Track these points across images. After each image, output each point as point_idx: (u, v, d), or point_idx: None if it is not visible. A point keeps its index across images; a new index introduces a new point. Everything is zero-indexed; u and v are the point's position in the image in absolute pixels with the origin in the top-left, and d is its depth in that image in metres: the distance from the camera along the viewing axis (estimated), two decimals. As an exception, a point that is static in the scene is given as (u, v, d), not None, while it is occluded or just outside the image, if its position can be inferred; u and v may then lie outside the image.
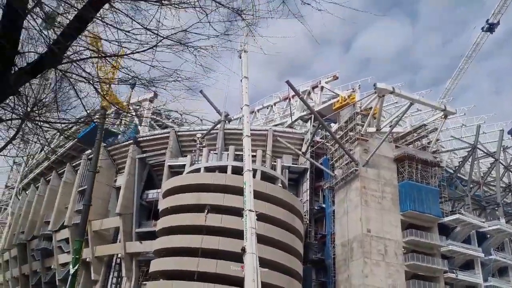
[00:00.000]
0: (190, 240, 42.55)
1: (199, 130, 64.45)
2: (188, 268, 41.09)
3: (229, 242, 41.68)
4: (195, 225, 42.88)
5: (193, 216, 43.53)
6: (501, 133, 64.72)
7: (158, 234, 47.64)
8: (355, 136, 53.77)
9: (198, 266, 39.75)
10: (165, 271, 43.90)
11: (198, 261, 39.77)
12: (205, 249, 41.20)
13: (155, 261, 45.88)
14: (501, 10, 76.81)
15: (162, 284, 43.56)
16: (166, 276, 44.32)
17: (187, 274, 40.88)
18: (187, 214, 44.13)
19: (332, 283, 51.65)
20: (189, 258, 41.44)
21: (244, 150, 37.63)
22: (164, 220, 46.71)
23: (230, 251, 41.20)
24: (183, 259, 41.75)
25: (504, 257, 55.13)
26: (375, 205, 50.51)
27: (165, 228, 46.16)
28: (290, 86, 49.02)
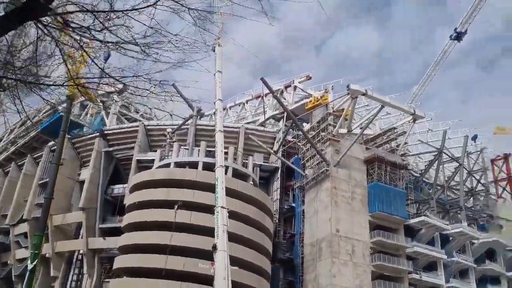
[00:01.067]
0: (158, 237, 41.37)
1: (169, 124, 63.13)
2: (154, 265, 39.92)
3: (198, 239, 40.84)
4: (163, 221, 41.74)
5: (162, 212, 42.40)
6: (466, 139, 66.62)
7: (123, 230, 46.15)
8: (327, 136, 53.94)
9: (166, 264, 38.62)
10: (129, 268, 42.48)
11: (167, 258, 38.64)
12: (173, 246, 40.19)
13: (119, 258, 44.36)
14: (469, 19, 79.02)
15: (125, 281, 42.11)
16: (130, 273, 42.90)
17: (153, 272, 39.68)
18: (155, 209, 42.92)
19: (300, 283, 51.61)
20: (156, 255, 40.25)
21: (216, 146, 36.84)
22: (130, 216, 45.28)
23: (199, 249, 40.37)
24: (149, 256, 40.49)
25: (465, 259, 56.65)
26: (345, 206, 50.79)
27: (131, 223, 44.73)
28: (265, 84, 48.59)
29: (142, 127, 63.03)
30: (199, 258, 40.27)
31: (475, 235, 57.55)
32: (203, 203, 42.52)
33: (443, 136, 64.32)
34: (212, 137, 54.20)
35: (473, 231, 58.03)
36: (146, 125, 63.71)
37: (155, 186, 44.55)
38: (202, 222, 41.57)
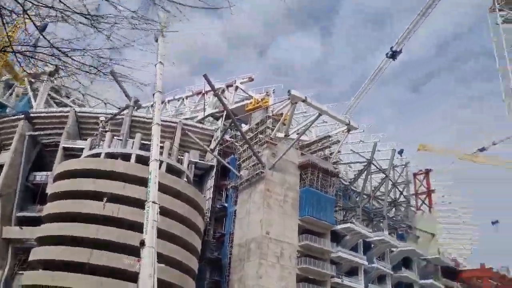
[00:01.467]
0: (82, 229, 39.17)
1: (102, 113, 60.40)
2: (76, 259, 37.81)
3: (125, 233, 39.39)
4: (89, 213, 39.67)
5: (89, 203, 40.27)
6: (393, 152, 70.29)
7: (44, 220, 43.26)
8: (264, 139, 54.32)
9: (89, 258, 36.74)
10: (48, 260, 39.80)
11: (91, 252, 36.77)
12: (98, 240, 38.31)
13: (36, 250, 41.50)
14: (404, 40, 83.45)
15: (41, 275, 39.37)
16: (48, 266, 40.22)
17: (75, 265, 37.61)
18: (81, 200, 40.63)
19: (226, 283, 51.42)
20: (79, 248, 38.13)
21: (152, 139, 35.68)
22: (53, 205, 42.56)
23: (125, 243, 38.94)
24: (72, 249, 38.22)
25: (384, 266, 59.65)
26: (277, 209, 51.41)
27: (53, 214, 42.04)
28: (207, 81, 47.95)
29: (73, 113, 59.75)
30: (125, 253, 38.82)
31: (394, 244, 60.78)
32: (133, 196, 41.11)
33: (373, 148, 67.35)
34: (148, 130, 52.64)
35: (393, 240, 61.29)
36: (77, 111, 60.48)
37: (83, 176, 42.23)
38: (130, 216, 40.13)
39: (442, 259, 68.28)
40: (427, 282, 63.13)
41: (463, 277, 73.89)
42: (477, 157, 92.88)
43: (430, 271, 66.93)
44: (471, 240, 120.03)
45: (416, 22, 78.65)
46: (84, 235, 38.93)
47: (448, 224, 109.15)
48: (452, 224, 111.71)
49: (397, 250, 61.70)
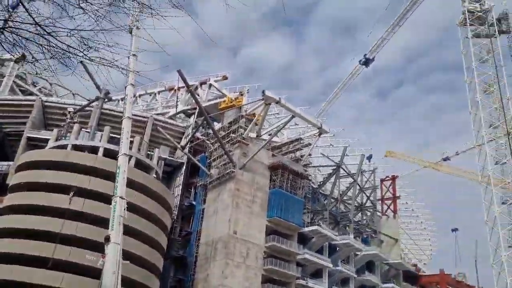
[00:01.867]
0: (45, 223, 37.77)
1: (71, 104, 58.62)
2: (36, 253, 36.43)
3: (89, 228, 38.27)
4: (52, 206, 38.30)
5: (52, 196, 38.89)
6: (362, 157, 71.46)
7: (3, 211, 41.43)
8: (236, 138, 54.08)
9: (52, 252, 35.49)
10: (6, 254, 38.10)
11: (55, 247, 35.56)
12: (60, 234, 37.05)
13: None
14: (377, 48, 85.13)
15: None
16: (5, 260, 38.54)
17: (34, 260, 36.21)
18: (45, 193, 39.18)
19: (190, 282, 50.84)
20: (40, 242, 36.76)
21: (122, 132, 34.88)
22: (14, 197, 40.85)
23: (88, 239, 37.86)
24: (32, 243, 36.75)
25: (348, 269, 60.47)
26: (245, 208, 51.25)
27: (14, 205, 40.35)
28: (181, 77, 47.13)
29: (39, 102, 57.73)
30: (88, 249, 37.75)
31: (359, 248, 61.75)
32: (99, 191, 40.05)
33: (343, 152, 68.28)
34: (117, 123, 51.36)
35: (358, 244, 62.25)
36: (44, 100, 58.45)
37: (48, 167, 40.74)
38: (95, 211, 39.04)
39: (404, 264, 69.89)
40: (389, 286, 64.40)
41: (422, 282, 75.85)
42: (441, 166, 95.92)
43: (392, 275, 68.33)
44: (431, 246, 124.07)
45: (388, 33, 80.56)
46: (46, 229, 37.57)
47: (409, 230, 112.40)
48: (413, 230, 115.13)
49: (361, 254, 62.70)
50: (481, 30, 53.92)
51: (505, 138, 48.24)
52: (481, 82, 51.76)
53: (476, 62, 52.05)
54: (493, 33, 53.22)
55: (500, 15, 55.85)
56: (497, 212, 46.36)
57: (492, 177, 47.23)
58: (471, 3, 54.43)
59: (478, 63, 52.28)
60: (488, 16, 54.08)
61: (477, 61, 52.35)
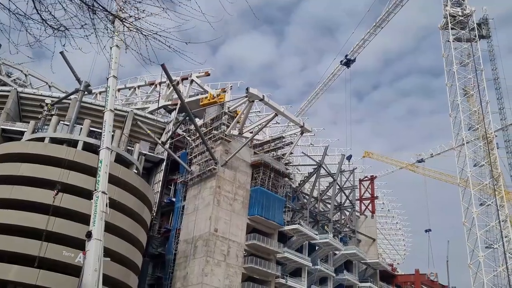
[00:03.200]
0: (18, 217, 36.40)
1: (47, 96, 56.95)
2: (10, 249, 35.08)
3: (66, 224, 37.11)
4: (28, 200, 36.93)
5: (28, 190, 37.50)
6: (343, 157, 71.86)
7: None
8: (219, 135, 53.49)
9: (26, 248, 34.20)
10: (-23, 250, 36.65)
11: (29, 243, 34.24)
12: (36, 230, 35.69)
13: (-35, 237, 37.99)
14: (359, 49, 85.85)
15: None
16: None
17: (8, 256, 34.90)
18: (20, 187, 37.73)
19: (169, 279, 50.02)
20: (14, 237, 35.40)
21: (104, 125, 33.92)
22: (-13, 190, 39.17)
23: (65, 235, 36.72)
24: (5, 238, 35.32)
25: (327, 268, 60.67)
26: (226, 206, 50.79)
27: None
28: (165, 71, 46.18)
29: (14, 94, 55.86)
30: (65, 245, 36.60)
31: (338, 247, 62.04)
32: (78, 185, 38.90)
33: (324, 152, 68.47)
34: (96, 117, 50.33)
35: (337, 243, 62.51)
36: (19, 91, 56.53)
37: (24, 160, 39.27)
38: (74, 206, 37.93)
39: (381, 263, 70.71)
40: (366, 285, 65.00)
41: (398, 281, 77.00)
42: (417, 167, 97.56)
43: (369, 275, 69.03)
44: (405, 246, 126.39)
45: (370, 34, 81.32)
46: (20, 224, 36.21)
47: (385, 230, 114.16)
48: (388, 230, 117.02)
49: (340, 253, 63.06)
50: (462, 34, 55.02)
51: (483, 140, 49.32)
52: (461, 85, 52.78)
53: (457, 66, 53.08)
54: (474, 37, 54.40)
55: (480, 20, 57.15)
56: (475, 213, 47.36)
57: (471, 178, 48.19)
58: (453, 7, 55.42)
59: (458, 67, 53.36)
60: (469, 20, 55.22)
61: (457, 65, 53.40)
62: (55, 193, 32.26)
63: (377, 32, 79.33)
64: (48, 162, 39.12)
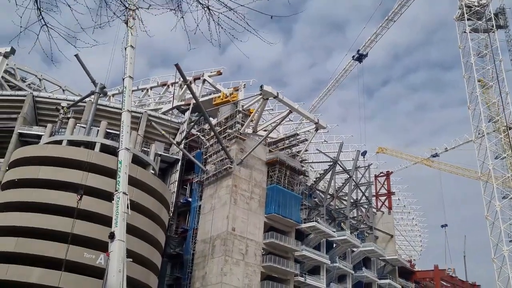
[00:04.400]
0: (39, 220, 36.58)
1: (63, 99, 57.21)
2: (32, 251, 35.25)
3: (86, 226, 37.15)
4: (48, 203, 37.11)
5: (48, 193, 37.68)
6: (358, 153, 71.26)
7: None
8: (233, 134, 53.29)
9: (48, 251, 34.35)
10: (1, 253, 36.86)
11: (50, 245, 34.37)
12: (56, 232, 35.84)
13: (-13, 241, 38.30)
14: (371, 44, 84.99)
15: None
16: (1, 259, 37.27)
17: (30, 259, 35.06)
18: (40, 189, 37.91)
19: (188, 279, 49.97)
20: (36, 240, 35.56)
21: (122, 126, 33.91)
22: (8, 194, 39.50)
23: (85, 237, 36.77)
24: (27, 241, 35.51)
25: (345, 265, 60.18)
26: (243, 205, 50.58)
27: (8, 203, 39.00)
28: (179, 71, 46.10)
29: (30, 98, 56.23)
30: (85, 246, 36.69)
31: (356, 244, 61.48)
32: (97, 187, 39.00)
33: (339, 148, 67.88)
34: (112, 119, 50.46)
35: (355, 240, 61.97)
36: (35, 96, 56.91)
37: (43, 163, 39.47)
38: (93, 208, 38.02)
39: (400, 259, 69.97)
40: (385, 282, 64.35)
41: (417, 277, 76.12)
42: (432, 161, 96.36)
43: (387, 271, 68.34)
44: (421, 242, 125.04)
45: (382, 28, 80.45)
46: (41, 227, 36.39)
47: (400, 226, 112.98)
48: (404, 226, 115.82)
49: (358, 250, 62.47)
50: (479, 25, 54.07)
51: (505, 132, 48.37)
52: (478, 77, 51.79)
53: (474, 57, 52.15)
54: (491, 27, 53.39)
55: (497, 10, 56.08)
56: (498, 206, 46.45)
57: (493, 171, 47.28)
58: (469, -3, 54.50)
59: (476, 58, 52.40)
60: (485, 10, 54.22)
61: (475, 56, 52.45)
62: (78, 198, 32.19)
63: (390, 26, 78.49)
64: (67, 164, 39.25)
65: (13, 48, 67.83)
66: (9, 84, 70.67)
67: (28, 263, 35.01)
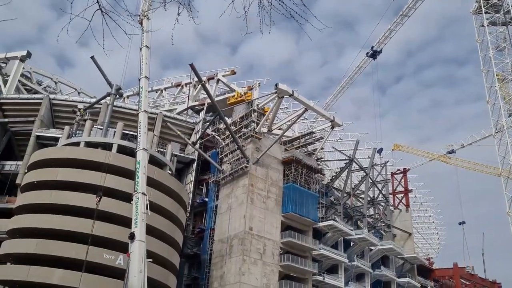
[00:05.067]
0: (58, 221, 36.81)
1: (79, 101, 57.71)
2: (52, 253, 35.50)
3: (105, 227, 37.29)
4: (67, 204, 37.31)
5: (67, 194, 37.92)
6: (374, 150, 70.42)
7: (15, 211, 40.50)
8: (249, 133, 53.09)
9: (67, 252, 34.56)
10: (20, 254, 37.25)
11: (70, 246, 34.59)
12: (75, 233, 36.01)
13: (8, 243, 38.74)
14: (385, 40, 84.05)
15: (14, 269, 36.78)
16: (19, 260, 37.68)
17: (50, 260, 35.32)
18: (59, 191, 38.19)
19: (206, 279, 49.93)
20: (55, 241, 35.81)
21: (139, 126, 33.85)
22: (27, 196, 39.86)
23: (104, 237, 36.92)
24: (47, 242, 35.79)
25: (363, 264, 59.56)
26: (260, 204, 50.35)
27: (26, 205, 39.38)
28: (194, 71, 46.01)
29: (47, 101, 56.72)
30: (104, 247, 36.83)
31: (374, 242, 60.80)
32: (115, 188, 39.12)
33: (355, 146, 67.25)
34: (127, 121, 50.66)
35: (373, 238, 61.29)
36: (52, 98, 57.41)
37: (61, 165, 39.72)
38: (111, 208, 38.14)
39: (419, 257, 69.04)
40: (404, 280, 63.56)
41: (436, 275, 75.05)
42: (449, 158, 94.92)
43: (406, 270, 67.48)
44: (439, 240, 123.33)
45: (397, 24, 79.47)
46: (61, 228, 36.61)
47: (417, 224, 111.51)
48: (421, 224, 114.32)
49: (376, 248, 61.78)
50: (496, 18, 53.01)
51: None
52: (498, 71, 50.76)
53: (493, 51, 51.13)
54: (509, 20, 52.29)
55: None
56: (520, 202, 45.51)
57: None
58: (486, -10, 53.43)
59: (495, 51, 51.37)
60: (503, 3, 53.13)
61: (493, 49, 51.42)
62: (97, 200, 32.29)
63: (404, 21, 77.54)
64: (85, 166, 39.44)
65: (29, 52, 68.78)
66: (25, 87, 71.63)
67: (48, 264, 35.23)
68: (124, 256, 35.63)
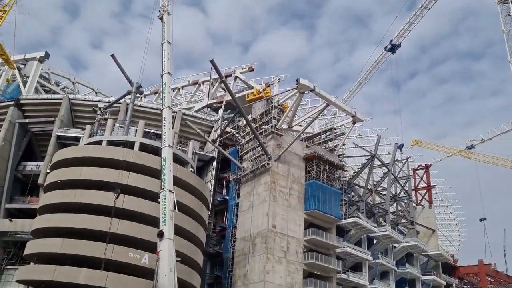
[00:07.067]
0: (82, 221, 36.49)
1: (98, 101, 57.62)
2: (77, 252, 35.17)
3: (130, 226, 36.90)
4: (91, 204, 36.99)
5: (90, 193, 37.59)
6: (395, 146, 69.12)
7: (39, 211, 40.35)
8: (270, 129, 52.33)
9: (93, 251, 34.21)
10: (44, 254, 36.98)
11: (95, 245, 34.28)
12: (100, 232, 35.60)
13: (33, 243, 38.58)
14: (404, 34, 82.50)
15: (41, 269, 36.51)
16: (44, 260, 37.45)
17: (75, 259, 35.00)
18: (81, 190, 37.86)
19: (229, 278, 49.33)
20: (80, 240, 35.47)
21: (164, 123, 33.47)
22: (50, 196, 39.63)
23: (129, 236, 36.52)
24: (72, 242, 35.44)
25: (388, 261, 58.42)
26: (282, 201, 49.56)
27: (49, 205, 39.17)
28: (214, 67, 45.44)
29: (67, 101, 56.73)
30: (129, 246, 36.39)
31: (398, 239, 59.62)
32: (138, 186, 38.73)
33: (377, 141, 66.09)
34: (148, 119, 50.28)
35: (397, 235, 60.09)
36: (71, 98, 57.40)
37: (83, 164, 39.39)
38: (135, 207, 37.74)
39: (444, 254, 67.57)
40: (429, 278, 62.26)
41: (460, 273, 73.46)
42: (471, 153, 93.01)
43: (430, 267, 66.11)
44: (460, 236, 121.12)
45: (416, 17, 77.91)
46: (85, 227, 36.28)
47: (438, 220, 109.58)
48: (442, 221, 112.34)
49: (400, 245, 60.57)
50: (524, 7, 51.49)
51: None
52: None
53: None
54: (538, 9, 50.74)
55: (543, -10, 53.20)
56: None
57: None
58: (511, -22, 51.87)
59: (523, 41, 49.88)
60: (530, -9, 51.57)
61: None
62: (115, 197, 32.02)
63: (424, 14, 76.10)
64: (108, 164, 39.08)
65: (47, 53, 69.05)
66: (44, 88, 71.98)
67: (73, 264, 34.93)
68: (149, 255, 35.28)
